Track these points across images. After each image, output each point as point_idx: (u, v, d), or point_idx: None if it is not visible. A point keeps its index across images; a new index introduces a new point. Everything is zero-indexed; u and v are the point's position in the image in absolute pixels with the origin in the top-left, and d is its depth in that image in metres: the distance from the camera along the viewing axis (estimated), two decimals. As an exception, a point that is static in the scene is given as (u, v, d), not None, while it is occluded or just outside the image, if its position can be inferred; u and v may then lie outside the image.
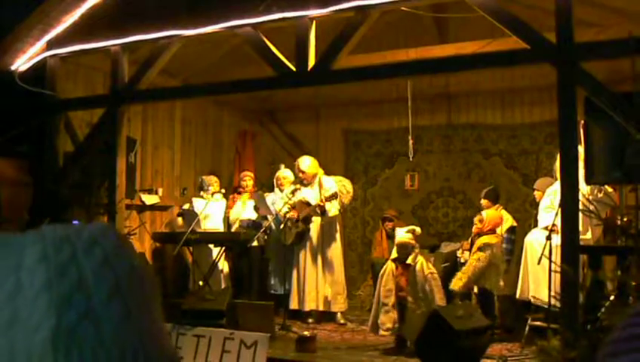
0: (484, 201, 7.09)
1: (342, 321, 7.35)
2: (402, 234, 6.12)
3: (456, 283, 6.31)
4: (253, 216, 7.99)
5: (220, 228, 8.08)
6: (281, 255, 7.44)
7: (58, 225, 0.73)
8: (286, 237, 7.29)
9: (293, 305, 7.34)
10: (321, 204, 7.21)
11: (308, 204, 7.29)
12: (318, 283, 7.30)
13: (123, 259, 0.72)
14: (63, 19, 6.62)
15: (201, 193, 8.06)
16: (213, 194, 7.88)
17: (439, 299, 5.93)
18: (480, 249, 6.35)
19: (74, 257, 0.69)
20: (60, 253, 0.69)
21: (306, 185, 7.44)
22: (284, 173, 7.93)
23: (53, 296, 0.66)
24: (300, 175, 7.47)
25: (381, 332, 6.01)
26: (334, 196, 7.22)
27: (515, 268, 6.71)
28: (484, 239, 6.41)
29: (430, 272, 6.04)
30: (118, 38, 6.43)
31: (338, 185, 7.55)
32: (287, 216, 7.28)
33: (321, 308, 7.33)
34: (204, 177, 8.24)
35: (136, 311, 0.70)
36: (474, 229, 6.61)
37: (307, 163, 7.47)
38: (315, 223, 7.35)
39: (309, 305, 7.30)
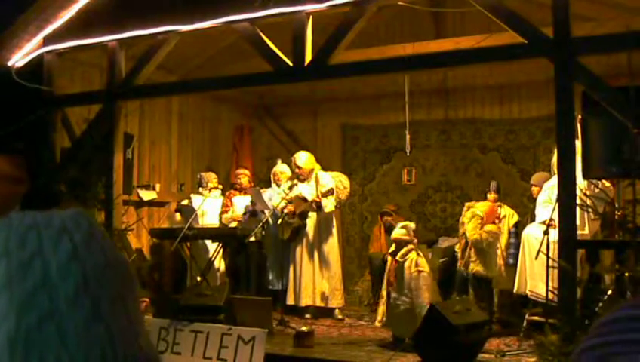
0: (492, 195, 7.08)
1: (339, 317, 7.35)
2: (396, 230, 6.21)
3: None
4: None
5: (218, 224, 8.07)
6: (279, 251, 7.44)
7: (27, 213, 0.67)
8: (283, 232, 7.29)
9: (290, 300, 7.34)
10: (318, 199, 7.20)
11: (304, 199, 7.28)
12: (314, 279, 7.29)
13: (94, 252, 0.65)
14: (59, 14, 6.60)
15: (200, 189, 8.05)
16: (210, 190, 7.87)
17: (426, 298, 5.79)
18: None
19: (39, 250, 0.63)
20: (23, 247, 0.63)
21: (302, 181, 7.43)
22: (281, 169, 7.93)
23: (13, 294, 0.60)
24: (297, 170, 7.46)
25: (376, 323, 6.26)
26: (331, 192, 7.22)
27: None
28: (489, 227, 6.59)
29: (419, 270, 5.90)
30: (115, 34, 6.42)
31: (335, 180, 7.55)
32: (284, 211, 7.27)
33: (317, 304, 7.33)
34: (202, 174, 8.23)
35: (106, 310, 0.63)
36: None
37: (303, 158, 7.46)
38: (312, 219, 7.34)
39: (305, 301, 7.30)
